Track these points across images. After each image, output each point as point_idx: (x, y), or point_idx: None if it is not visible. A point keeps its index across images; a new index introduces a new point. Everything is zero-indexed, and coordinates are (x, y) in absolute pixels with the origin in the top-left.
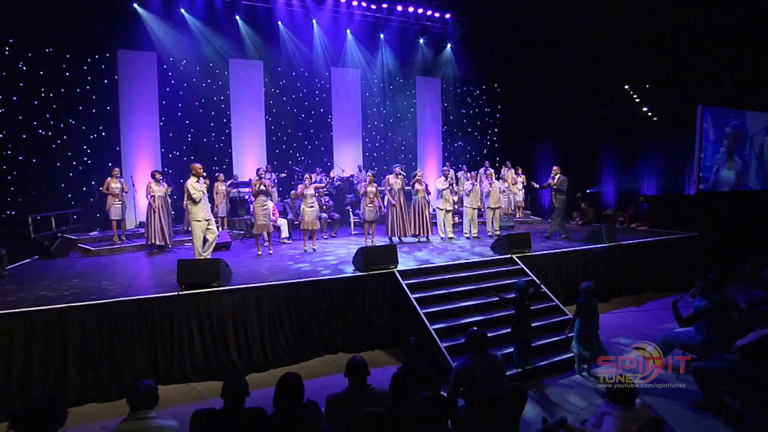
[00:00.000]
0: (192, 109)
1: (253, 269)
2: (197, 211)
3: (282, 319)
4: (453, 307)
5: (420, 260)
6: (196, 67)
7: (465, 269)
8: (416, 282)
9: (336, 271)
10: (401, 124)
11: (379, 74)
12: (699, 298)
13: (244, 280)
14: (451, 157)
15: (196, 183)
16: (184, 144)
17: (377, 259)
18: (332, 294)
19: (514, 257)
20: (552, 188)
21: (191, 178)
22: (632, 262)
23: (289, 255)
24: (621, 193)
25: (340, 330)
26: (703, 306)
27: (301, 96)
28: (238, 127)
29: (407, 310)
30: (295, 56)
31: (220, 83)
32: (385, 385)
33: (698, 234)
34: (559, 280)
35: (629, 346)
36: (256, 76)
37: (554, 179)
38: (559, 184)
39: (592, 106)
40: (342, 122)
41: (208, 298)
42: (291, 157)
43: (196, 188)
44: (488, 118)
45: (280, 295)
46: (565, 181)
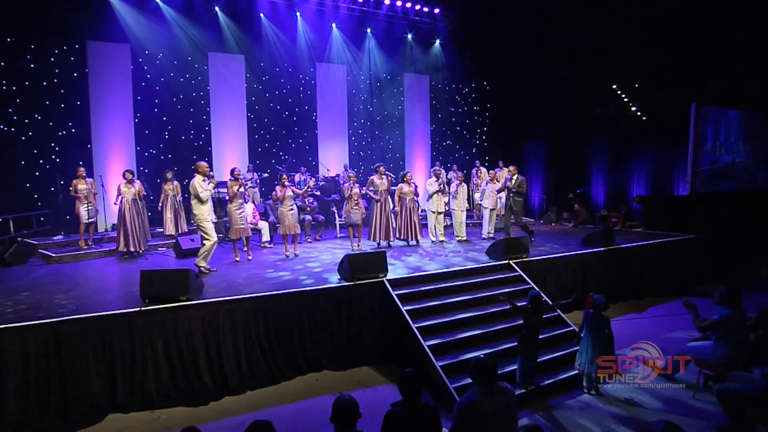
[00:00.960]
0: (169, 105)
1: (228, 278)
2: (205, 211)
3: (260, 335)
4: (448, 320)
5: (411, 267)
6: (173, 61)
7: (460, 277)
8: (407, 292)
9: (320, 281)
10: (389, 122)
11: (366, 71)
12: (722, 306)
13: (218, 291)
14: (440, 157)
15: (203, 182)
16: (161, 142)
17: (365, 267)
18: (315, 306)
19: (511, 263)
20: (510, 191)
21: (197, 177)
22: (630, 265)
23: (270, 261)
24: (611, 193)
25: (324, 346)
26: (727, 314)
27: (284, 92)
28: (219, 124)
29: (398, 323)
30: (278, 51)
31: (200, 78)
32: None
33: (696, 236)
34: (558, 286)
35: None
36: (237, 71)
37: (512, 180)
38: (517, 185)
39: (582, 105)
40: (327, 120)
41: (176, 313)
42: (274, 156)
43: (204, 187)
44: (477, 116)
45: (257, 308)
46: (524, 183)
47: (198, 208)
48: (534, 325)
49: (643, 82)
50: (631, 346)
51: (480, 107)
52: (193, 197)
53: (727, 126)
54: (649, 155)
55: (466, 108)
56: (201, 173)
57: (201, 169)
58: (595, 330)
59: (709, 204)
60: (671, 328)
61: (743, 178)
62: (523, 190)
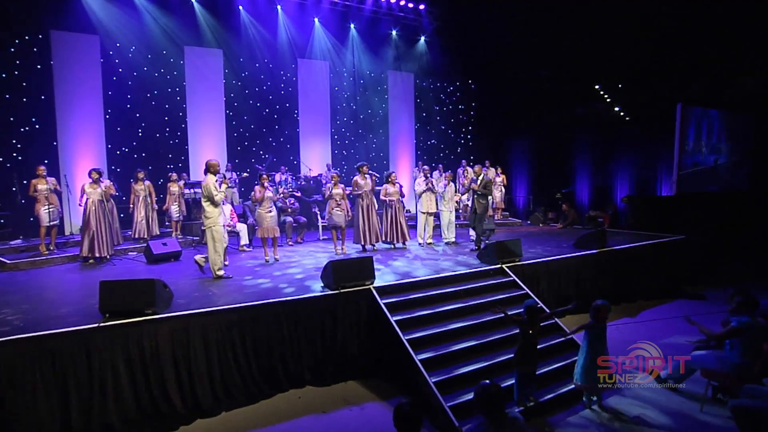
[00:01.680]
0: (143, 101)
1: (201, 287)
2: (217, 214)
3: (236, 351)
4: (441, 330)
5: (399, 273)
6: (146, 54)
7: (451, 283)
8: (396, 300)
9: (301, 289)
10: (372, 121)
11: (349, 67)
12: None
13: (189, 303)
14: (424, 156)
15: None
16: (134, 139)
17: (350, 273)
18: (297, 317)
19: (504, 267)
20: (476, 192)
21: (209, 176)
22: (621, 268)
23: (248, 267)
24: (596, 193)
25: (307, 360)
26: (746, 322)
27: (264, 89)
28: (196, 121)
29: (387, 334)
30: (258, 45)
31: (175, 73)
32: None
33: (685, 237)
34: (552, 291)
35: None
36: (215, 67)
37: (477, 181)
38: (482, 186)
39: (566, 104)
40: (309, 118)
41: (140, 328)
42: (254, 155)
43: (218, 188)
44: (462, 115)
45: (232, 321)
46: (490, 184)
47: (210, 210)
48: (531, 337)
49: (626, 82)
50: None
51: (465, 106)
52: (206, 198)
53: (709, 126)
54: (632, 155)
55: (451, 107)
56: (213, 172)
57: (213, 168)
58: (594, 339)
59: (696, 204)
60: (668, 332)
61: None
62: (489, 192)
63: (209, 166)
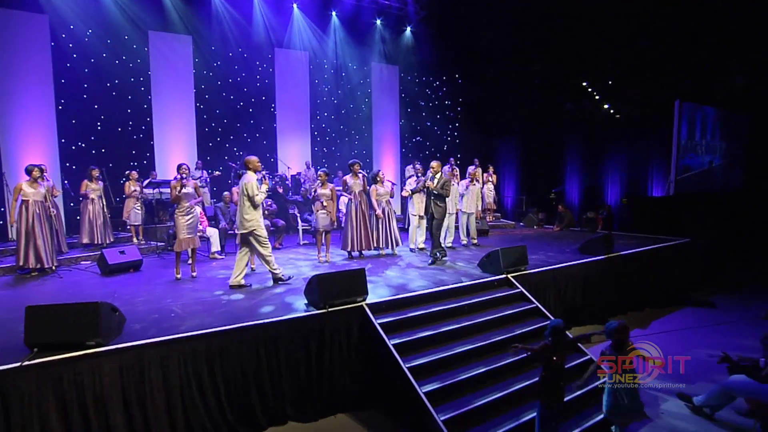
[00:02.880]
0: (102, 91)
1: (162, 307)
2: (259, 216)
3: (203, 386)
4: (446, 355)
5: (393, 285)
6: (105, 39)
7: (453, 297)
8: (393, 320)
9: (282, 307)
10: (355, 116)
11: (331, 59)
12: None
13: (145, 328)
14: (409, 154)
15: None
16: (92, 133)
17: (339, 289)
18: (278, 343)
19: (510, 278)
20: (432, 192)
21: (249, 174)
22: (629, 274)
23: (219, 279)
24: (586, 193)
25: (289, 392)
26: None
27: (239, 80)
28: (162, 114)
29: (383, 360)
30: (232, 33)
31: (139, 61)
32: None
33: (690, 240)
34: (559, 302)
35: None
36: (184, 55)
37: (434, 180)
38: (440, 187)
39: (556, 101)
40: (287, 112)
41: (79, 365)
42: (227, 151)
43: (258, 188)
44: (449, 111)
45: (199, 350)
46: (449, 184)
47: (250, 212)
48: (557, 367)
49: (617, 79)
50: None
51: (451, 102)
52: (246, 199)
53: (703, 124)
54: (623, 154)
55: (437, 102)
56: (253, 169)
57: (252, 165)
58: None
59: (697, 205)
60: (686, 345)
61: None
62: (446, 193)
63: (249, 162)
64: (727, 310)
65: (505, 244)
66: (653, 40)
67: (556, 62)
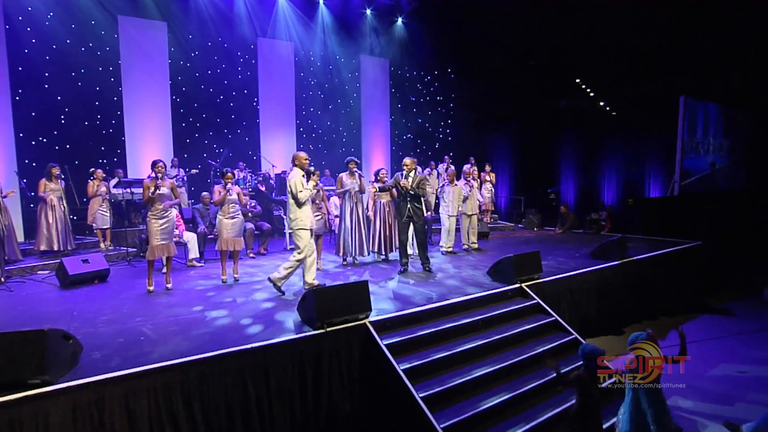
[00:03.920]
0: (66, 81)
1: (130, 328)
2: (303, 215)
3: (179, 427)
4: (463, 380)
5: (396, 297)
6: (69, 23)
7: (464, 311)
8: (401, 340)
9: (271, 325)
10: (343, 111)
11: (318, 50)
12: None
13: (105, 358)
14: (400, 152)
15: (303, 177)
16: (55, 128)
17: (339, 305)
18: (268, 371)
19: (524, 287)
20: (408, 193)
21: (295, 171)
22: (642, 280)
23: (198, 291)
24: (582, 193)
25: (281, 428)
26: None
27: (219, 72)
28: (134, 108)
29: (391, 388)
30: (212, 20)
31: (107, 49)
32: None
33: (701, 243)
34: (575, 313)
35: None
36: (158, 43)
37: (407, 178)
38: (416, 185)
39: (551, 98)
40: (271, 107)
41: (19, 410)
42: (206, 148)
43: (304, 185)
44: (441, 108)
45: (173, 384)
46: (425, 182)
47: (295, 211)
48: (594, 397)
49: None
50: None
51: (444, 98)
52: (292, 197)
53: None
54: (620, 154)
55: (429, 98)
56: (299, 166)
57: (300, 161)
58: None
59: (703, 206)
60: (712, 358)
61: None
62: (423, 192)
63: (296, 158)
64: (747, 317)
65: (508, 247)
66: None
67: (551, 58)
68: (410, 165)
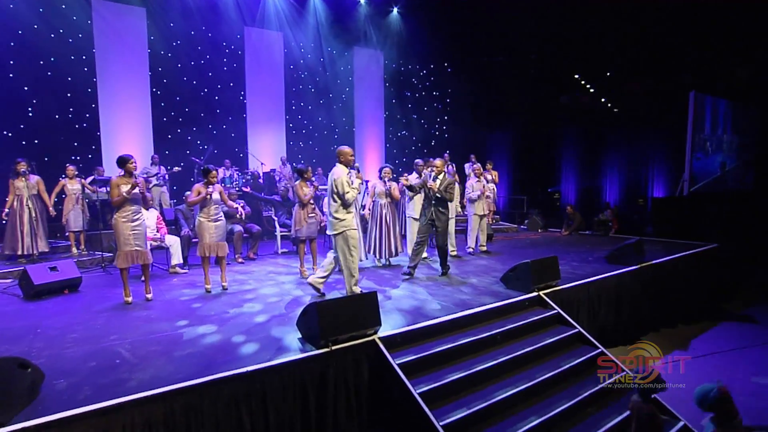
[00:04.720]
0: (34, 71)
1: (103, 348)
2: (350, 216)
3: None
4: (488, 404)
5: (405, 309)
6: (37, 7)
7: (481, 323)
8: (414, 359)
9: (269, 345)
10: (335, 106)
11: (309, 41)
12: None
13: (76, 386)
14: (394, 149)
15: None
16: (21, 121)
17: (345, 320)
18: (266, 398)
19: (542, 295)
20: (435, 196)
21: (339, 168)
22: (660, 286)
23: (181, 303)
24: (583, 193)
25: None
26: None
27: (203, 63)
28: (111, 100)
29: (405, 413)
30: (195, 7)
31: (81, 36)
32: None
33: (717, 245)
34: (593, 323)
35: None
36: (136, 31)
37: (436, 180)
38: (443, 189)
39: (552, 94)
40: (259, 101)
41: None
42: (189, 144)
43: (350, 182)
44: (437, 103)
45: (154, 417)
46: (453, 186)
47: (341, 212)
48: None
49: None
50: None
51: (440, 93)
52: (336, 196)
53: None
54: (623, 152)
55: (424, 93)
56: (344, 162)
57: (344, 157)
58: None
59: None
60: (741, 370)
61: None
62: (450, 197)
63: (340, 154)
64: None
65: (515, 250)
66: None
67: (552, 53)
68: (440, 167)
